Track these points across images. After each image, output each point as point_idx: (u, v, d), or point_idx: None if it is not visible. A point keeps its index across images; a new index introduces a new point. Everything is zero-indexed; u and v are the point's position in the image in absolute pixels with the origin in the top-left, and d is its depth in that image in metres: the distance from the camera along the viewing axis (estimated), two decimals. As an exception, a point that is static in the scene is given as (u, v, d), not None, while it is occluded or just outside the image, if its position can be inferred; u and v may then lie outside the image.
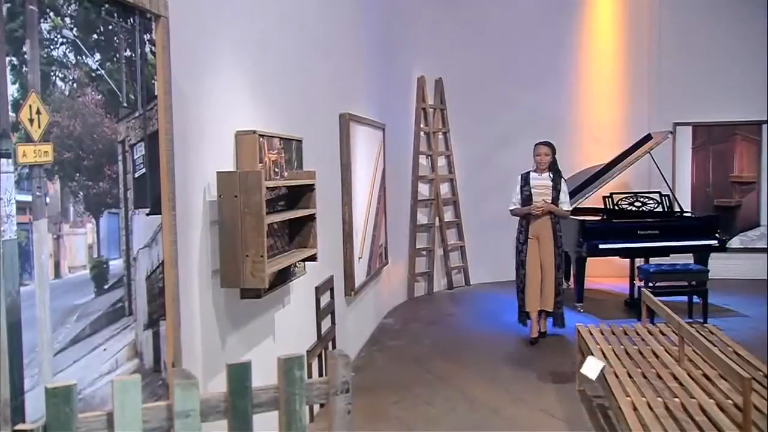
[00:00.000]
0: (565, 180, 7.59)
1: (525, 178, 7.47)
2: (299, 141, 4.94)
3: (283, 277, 4.63)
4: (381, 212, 8.37)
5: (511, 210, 7.53)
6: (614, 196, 9.09)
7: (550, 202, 7.37)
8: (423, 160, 10.62)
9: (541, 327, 7.58)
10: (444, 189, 10.96)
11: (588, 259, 8.60)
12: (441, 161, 10.95)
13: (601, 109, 11.27)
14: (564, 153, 10.90)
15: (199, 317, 3.54)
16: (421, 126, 10.49)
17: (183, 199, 3.30)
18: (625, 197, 9.12)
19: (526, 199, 7.40)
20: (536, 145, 7.51)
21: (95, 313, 2.53)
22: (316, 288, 5.50)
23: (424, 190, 10.64)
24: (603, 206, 9.07)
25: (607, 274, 10.74)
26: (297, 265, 4.87)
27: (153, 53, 2.93)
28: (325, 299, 5.70)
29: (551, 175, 7.43)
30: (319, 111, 5.99)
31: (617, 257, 8.93)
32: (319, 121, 6.02)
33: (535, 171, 7.49)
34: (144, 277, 2.86)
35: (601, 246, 8.45)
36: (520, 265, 7.47)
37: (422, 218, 10.58)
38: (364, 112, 7.51)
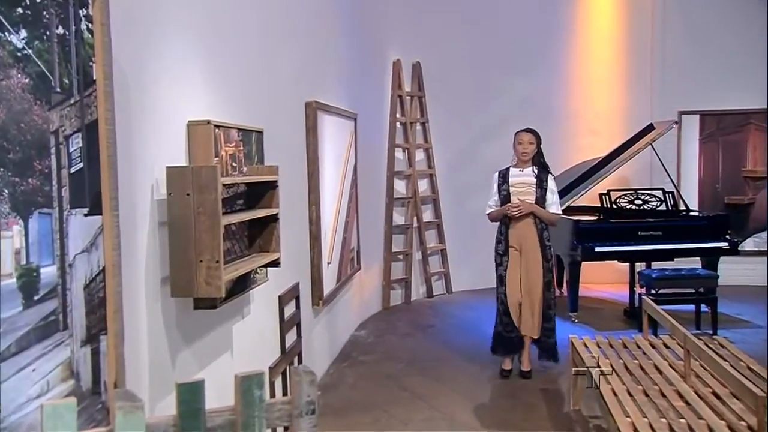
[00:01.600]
0: (554, 177, 7.00)
1: (503, 175, 6.90)
2: (260, 132, 4.91)
3: (242, 285, 4.60)
4: (352, 212, 8.36)
5: (488, 214, 6.97)
6: (612, 193, 9.14)
7: (534, 202, 6.76)
8: (399, 154, 10.63)
9: (523, 363, 6.92)
10: (422, 186, 10.97)
11: (583, 263, 8.64)
12: (419, 155, 10.97)
13: (598, 97, 11.33)
14: (557, 146, 10.96)
15: (145, 331, 3.50)
16: (397, 116, 10.50)
17: (127, 198, 3.26)
18: (624, 194, 9.18)
19: (504, 199, 6.83)
20: (517, 133, 6.91)
21: (23, 328, 2.47)
22: (279, 297, 5.46)
23: (400, 187, 10.65)
24: (599, 205, 9.11)
25: (605, 280, 10.79)
26: (258, 271, 4.84)
27: (90, 31, 2.87)
28: (289, 310, 5.67)
29: (535, 170, 6.83)
30: (282, 99, 5.96)
31: (615, 261, 8.98)
32: (283, 111, 5.99)
33: (515, 166, 6.92)
34: (82, 286, 2.81)
35: (597, 249, 8.49)
36: (499, 281, 6.88)
37: (398, 218, 10.59)
38: (333, 100, 7.49)
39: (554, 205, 6.84)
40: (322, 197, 6.90)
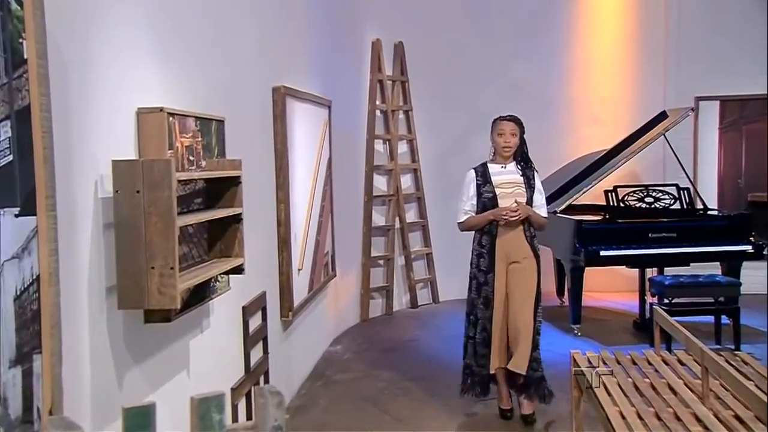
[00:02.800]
0: (538, 173, 6.65)
1: (482, 173, 6.49)
2: (220, 121, 4.90)
3: (200, 294, 4.58)
4: (326, 212, 8.35)
5: (461, 223, 6.54)
6: (619, 190, 9.17)
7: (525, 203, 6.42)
8: (379, 146, 10.65)
9: (523, 406, 6.51)
10: (406, 182, 11.00)
11: (586, 269, 8.66)
12: (402, 147, 10.99)
13: (603, 82, 11.38)
14: (556, 137, 11.03)
15: (87, 348, 3.45)
16: (377, 103, 10.52)
17: (66, 196, 3.22)
18: (633, 191, 9.20)
19: (490, 203, 6.41)
20: (496, 120, 6.53)
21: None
22: (243, 308, 5.49)
23: (380, 183, 10.68)
24: (605, 203, 9.12)
25: (611, 288, 10.84)
26: (218, 278, 4.83)
27: (19, 2, 2.82)
28: (255, 322, 5.69)
29: (519, 166, 6.51)
30: (246, 83, 5.94)
31: (623, 267, 9.00)
32: (247, 97, 5.98)
33: (493, 161, 6.54)
34: (11, 297, 2.76)
35: (602, 253, 8.52)
36: (482, 303, 6.42)
37: (378, 219, 10.61)
38: (303, 84, 7.47)
39: (543, 208, 6.51)
40: (292, 195, 6.89)
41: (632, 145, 9.23)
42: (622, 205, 9.07)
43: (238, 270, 4.69)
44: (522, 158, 6.52)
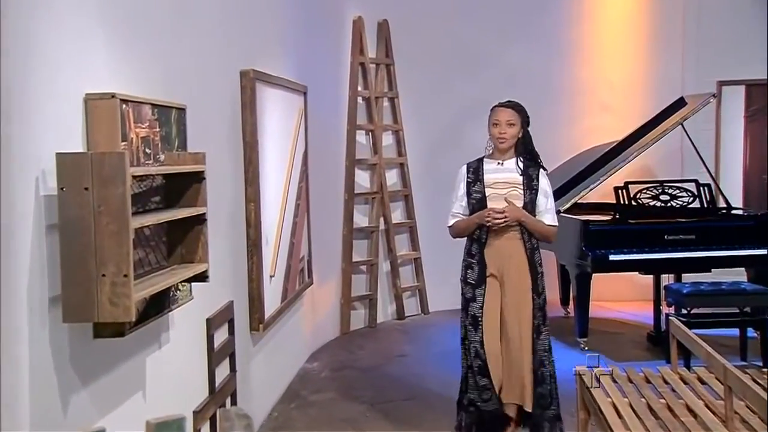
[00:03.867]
0: (547, 172, 6.42)
1: (474, 171, 6.29)
2: (181, 109, 4.89)
3: (159, 305, 4.57)
4: (302, 211, 8.35)
5: (450, 227, 6.39)
6: (631, 186, 9.15)
7: (523, 208, 6.14)
8: (361, 138, 10.66)
9: None
10: (391, 178, 11.02)
11: (594, 275, 8.66)
12: (387, 139, 11.01)
13: (612, 66, 11.41)
14: (560, 128, 11.04)
15: (27, 368, 3.42)
16: (359, 89, 10.52)
17: (2, 194, 3.21)
18: (647, 188, 9.17)
19: (478, 205, 6.19)
20: (493, 108, 6.31)
21: None
22: (207, 320, 5.47)
23: (363, 179, 10.68)
24: (615, 201, 9.12)
25: (622, 296, 10.87)
26: (179, 287, 4.83)
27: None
28: (220, 336, 5.68)
29: (521, 163, 6.25)
30: (211, 66, 5.91)
31: (636, 273, 8.99)
32: (212, 82, 5.95)
33: (491, 157, 6.32)
34: (-60, 309, 2.71)
35: (612, 257, 8.52)
36: (470, 323, 6.17)
37: (361, 219, 10.62)
38: (276, 68, 7.46)
39: (549, 214, 6.21)
40: (263, 192, 6.88)
41: (646, 136, 9.23)
42: (634, 203, 9.05)
43: (202, 277, 4.68)
44: (525, 154, 6.26)
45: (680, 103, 9.35)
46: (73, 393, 3.78)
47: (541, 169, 6.30)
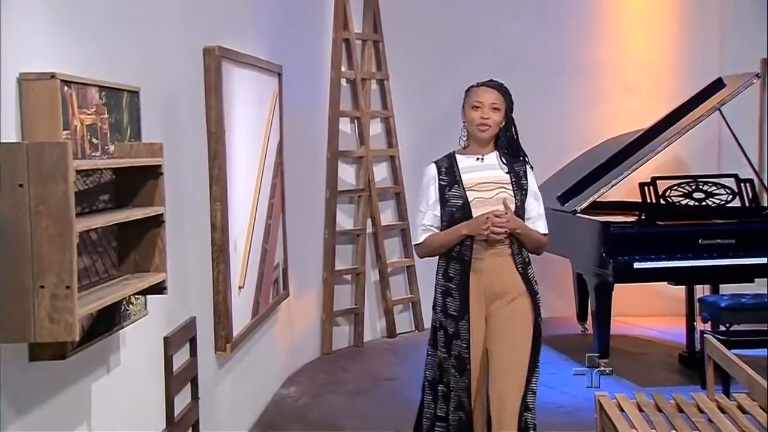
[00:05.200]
0: (533, 170, 5.91)
1: (448, 170, 5.81)
2: (134, 92, 4.88)
3: (108, 322, 4.54)
4: (276, 212, 8.36)
5: (418, 245, 5.92)
6: (659, 182, 9.13)
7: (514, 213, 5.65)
8: (346, 126, 10.67)
9: None
10: (380, 173, 11.04)
11: (616, 286, 8.64)
12: (375, 127, 11.03)
13: (638, 41, 11.43)
14: (575, 114, 11.06)
15: (-47, 395, 3.37)
16: (343, 69, 10.51)
17: None
18: (679, 184, 9.15)
19: (459, 213, 5.66)
20: (471, 88, 5.84)
21: None
22: (165, 339, 5.43)
23: (347, 175, 10.70)
24: (640, 199, 9.11)
25: (649, 310, 10.89)
26: (132, 300, 4.81)
27: None
28: (181, 358, 5.65)
29: (503, 159, 5.79)
30: (169, 43, 5.89)
31: (665, 283, 8.97)
32: (170, 61, 5.93)
33: (465, 151, 5.89)
34: None
35: (637, 265, 8.51)
36: (455, 366, 5.64)
37: (345, 221, 10.64)
38: (245, 45, 7.45)
39: (541, 220, 5.81)
40: (231, 190, 6.87)
41: (677, 123, 9.22)
42: (662, 202, 9.04)
43: (159, 289, 4.66)
44: (509, 147, 5.80)
45: (718, 84, 9.32)
46: (4, 426, 3.75)
47: (528, 167, 5.82)
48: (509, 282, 5.64)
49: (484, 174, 5.73)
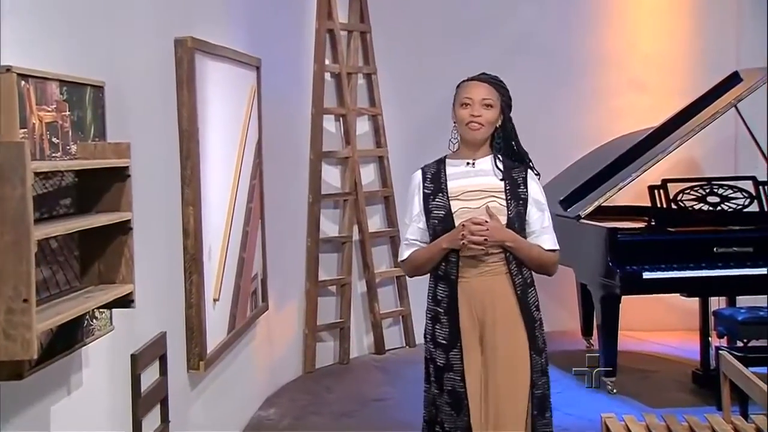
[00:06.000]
0: (539, 176, 5.57)
1: (434, 177, 5.54)
2: (98, 88, 4.86)
3: (69, 338, 4.53)
4: (255, 218, 8.36)
5: (403, 262, 5.67)
6: (670, 185, 9.14)
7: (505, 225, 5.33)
8: (330, 125, 10.69)
9: None
10: (368, 175, 11.07)
11: (624, 298, 8.66)
12: (362, 126, 11.05)
13: (646, 34, 11.47)
14: (578, 112, 11.09)
15: None
16: (327, 63, 10.51)
17: None
18: (691, 187, 9.16)
19: (442, 224, 5.40)
20: (462, 84, 5.57)
21: None
22: (132, 357, 5.37)
23: (332, 177, 10.71)
24: (650, 203, 9.11)
25: (660, 325, 10.92)
26: (96, 315, 4.79)
27: None
28: (150, 377, 5.61)
29: (499, 163, 5.47)
30: (137, 33, 5.88)
31: (677, 294, 8.97)
32: (138, 53, 5.92)
33: (456, 156, 5.60)
34: None
35: (646, 275, 8.51)
36: (449, 404, 5.36)
37: (329, 227, 10.65)
38: (221, 36, 7.47)
39: (547, 234, 5.47)
40: (205, 193, 6.88)
41: (690, 121, 9.23)
42: (674, 206, 9.05)
43: (125, 302, 4.66)
44: (506, 150, 5.53)
45: (734, 79, 9.33)
46: (-42, 451, 3.75)
47: (530, 171, 5.49)
48: (502, 307, 5.30)
49: (473, 181, 5.41)
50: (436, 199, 5.41)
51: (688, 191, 9.12)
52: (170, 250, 6.47)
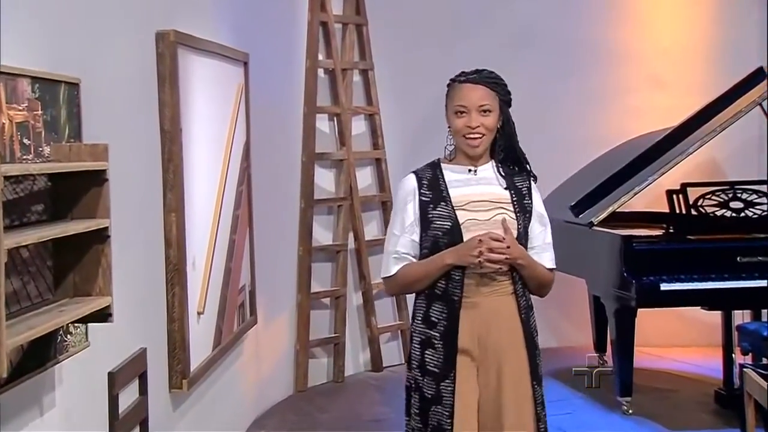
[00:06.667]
0: (536, 180, 5.40)
1: (431, 183, 5.29)
2: (74, 85, 4.87)
3: (41, 355, 4.54)
4: (242, 225, 8.37)
5: (388, 278, 5.34)
6: (690, 189, 9.14)
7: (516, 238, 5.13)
8: (323, 125, 10.70)
9: None
10: (364, 179, 11.08)
11: (640, 311, 8.62)
12: (358, 126, 11.08)
13: (666, 25, 11.44)
14: (590, 110, 11.10)
15: None
16: (320, 58, 10.55)
17: None
18: (713, 192, 9.15)
19: (447, 237, 5.12)
20: (453, 84, 5.37)
21: None
22: (110, 375, 5.30)
23: (325, 181, 10.73)
24: (668, 209, 9.11)
25: (679, 340, 10.97)
26: (70, 330, 4.79)
27: None
28: (128, 397, 5.56)
29: (501, 170, 5.29)
30: (115, 27, 5.88)
31: (697, 308, 8.96)
32: (116, 47, 5.92)
33: (453, 161, 5.37)
34: None
35: (664, 286, 8.48)
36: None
37: (322, 235, 10.68)
38: (206, 29, 7.47)
39: (548, 252, 5.34)
40: (189, 199, 6.87)
41: (711, 120, 9.19)
42: (694, 212, 9.04)
43: (103, 316, 4.67)
44: (507, 156, 5.32)
45: (759, 75, 9.31)
46: None
47: (532, 180, 5.35)
48: (507, 331, 5.12)
49: (477, 190, 5.19)
50: (438, 208, 5.14)
51: (709, 196, 9.11)
52: (151, 260, 6.46)
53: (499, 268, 4.97)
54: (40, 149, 4.42)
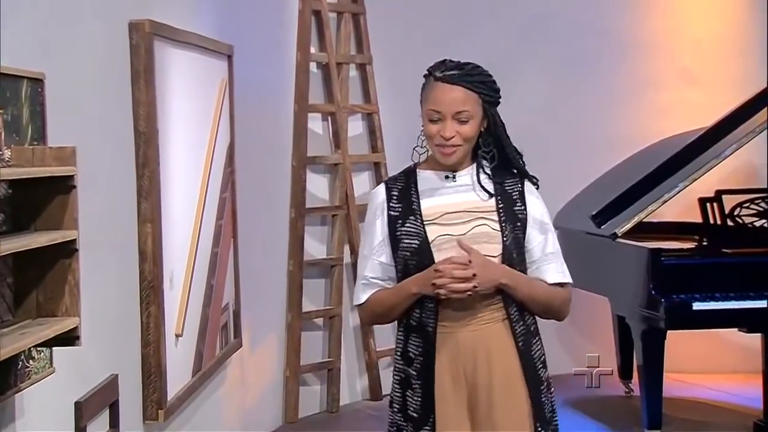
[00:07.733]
0: (536, 185, 5.06)
1: (402, 194, 5.02)
2: (37, 81, 4.87)
3: (0, 383, 4.52)
4: (226, 237, 8.39)
5: (360, 306, 5.05)
6: (725, 198, 9.13)
7: (501, 260, 4.80)
8: (316, 125, 10.74)
9: None
10: (362, 186, 11.12)
11: (670, 333, 8.63)
12: (355, 127, 11.13)
13: (698, 13, 11.43)
14: (613, 108, 11.10)
15: None
16: (312, 51, 10.57)
17: None
18: (751, 200, 9.18)
19: (415, 258, 4.83)
20: (429, 83, 5.08)
21: None
22: (77, 405, 5.29)
23: (318, 188, 10.78)
24: (701, 219, 9.10)
25: (713, 366, 10.94)
26: (33, 354, 4.79)
27: None
28: (97, 428, 5.59)
29: (485, 175, 4.96)
30: (83, 16, 5.88)
31: (734, 329, 8.95)
32: (85, 39, 5.91)
33: (427, 166, 5.12)
34: None
35: (697, 306, 8.47)
36: None
37: (316, 248, 10.72)
38: (185, 19, 7.49)
39: (553, 262, 4.97)
40: (166, 208, 6.88)
41: (749, 120, 9.16)
42: (730, 223, 9.05)
43: (70, 339, 4.66)
44: (497, 155, 4.96)
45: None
46: None
47: (527, 183, 5.01)
48: (499, 365, 4.79)
49: (453, 199, 4.90)
50: (407, 224, 4.85)
51: (747, 204, 9.14)
52: (124, 276, 6.45)
53: (468, 294, 4.63)
54: (0, 153, 4.40)
